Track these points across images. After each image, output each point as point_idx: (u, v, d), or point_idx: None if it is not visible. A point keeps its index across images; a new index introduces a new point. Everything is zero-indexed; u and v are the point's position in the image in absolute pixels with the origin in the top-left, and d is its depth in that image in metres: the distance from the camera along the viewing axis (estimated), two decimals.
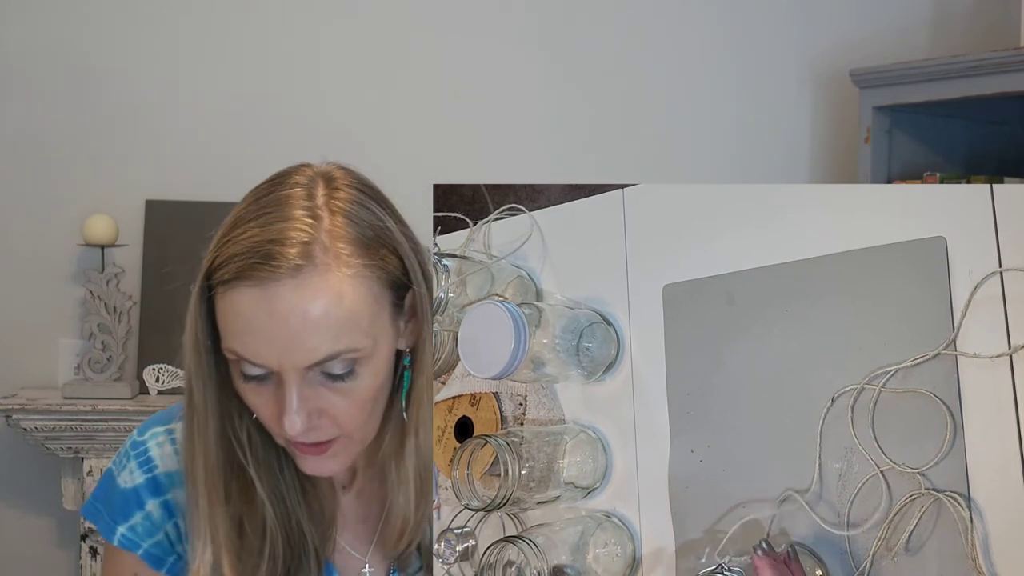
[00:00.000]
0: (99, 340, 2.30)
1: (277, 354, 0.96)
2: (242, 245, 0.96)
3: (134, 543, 1.11)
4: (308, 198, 0.99)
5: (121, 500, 1.11)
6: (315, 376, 0.98)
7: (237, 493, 1.06)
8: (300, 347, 0.95)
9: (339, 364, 0.97)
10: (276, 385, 0.99)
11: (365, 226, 1.00)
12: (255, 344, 0.96)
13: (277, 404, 0.99)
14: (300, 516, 1.08)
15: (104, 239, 2.28)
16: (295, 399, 0.97)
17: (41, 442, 2.26)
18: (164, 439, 1.12)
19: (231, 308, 0.96)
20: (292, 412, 0.97)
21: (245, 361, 0.97)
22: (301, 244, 0.95)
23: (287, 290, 0.94)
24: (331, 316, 0.96)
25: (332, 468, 1.05)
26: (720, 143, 2.78)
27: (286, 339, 0.95)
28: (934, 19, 2.95)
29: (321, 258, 0.96)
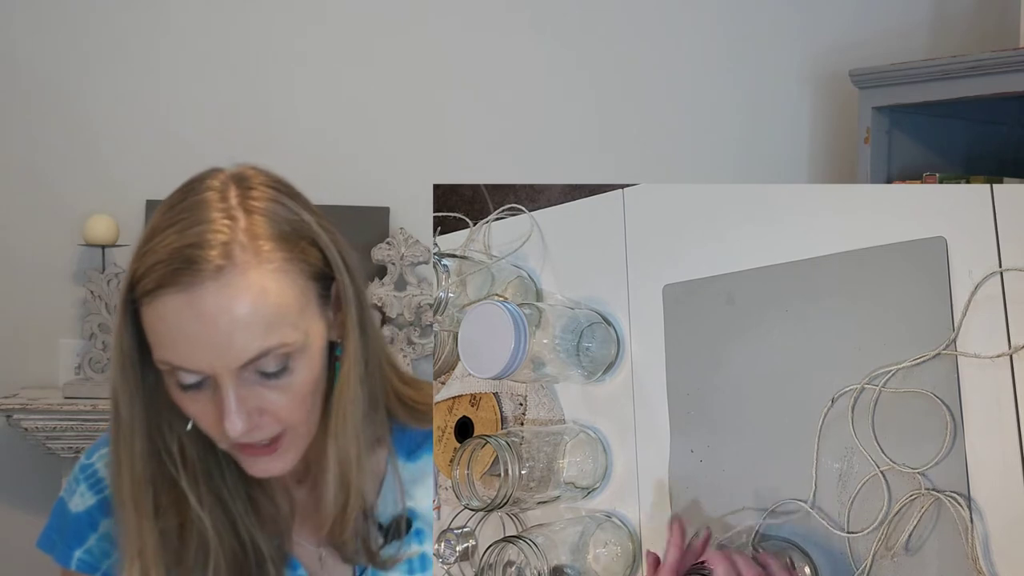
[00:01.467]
0: (100, 340, 2.30)
1: (209, 357, 0.95)
2: (161, 253, 0.96)
3: (92, 566, 1.11)
4: (222, 200, 0.99)
5: (74, 524, 1.12)
6: (250, 375, 0.98)
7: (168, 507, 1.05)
8: (231, 347, 0.95)
9: (272, 361, 0.97)
10: (213, 390, 0.98)
11: (282, 221, 1.00)
12: (186, 350, 0.95)
13: (216, 409, 0.98)
14: (249, 526, 1.08)
15: (104, 239, 2.28)
16: (232, 400, 0.97)
17: (42, 442, 2.26)
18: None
19: (157, 317, 0.96)
20: (232, 414, 0.97)
21: (179, 369, 0.97)
22: (221, 245, 0.95)
23: (211, 292, 0.94)
24: (258, 313, 0.95)
25: (280, 467, 1.04)
26: (720, 143, 2.78)
27: (216, 341, 0.95)
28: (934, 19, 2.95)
29: (241, 256, 0.96)
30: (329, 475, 1.06)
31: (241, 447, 1.02)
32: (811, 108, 2.85)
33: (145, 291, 0.96)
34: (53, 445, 2.26)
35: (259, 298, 0.96)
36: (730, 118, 2.78)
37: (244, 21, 2.48)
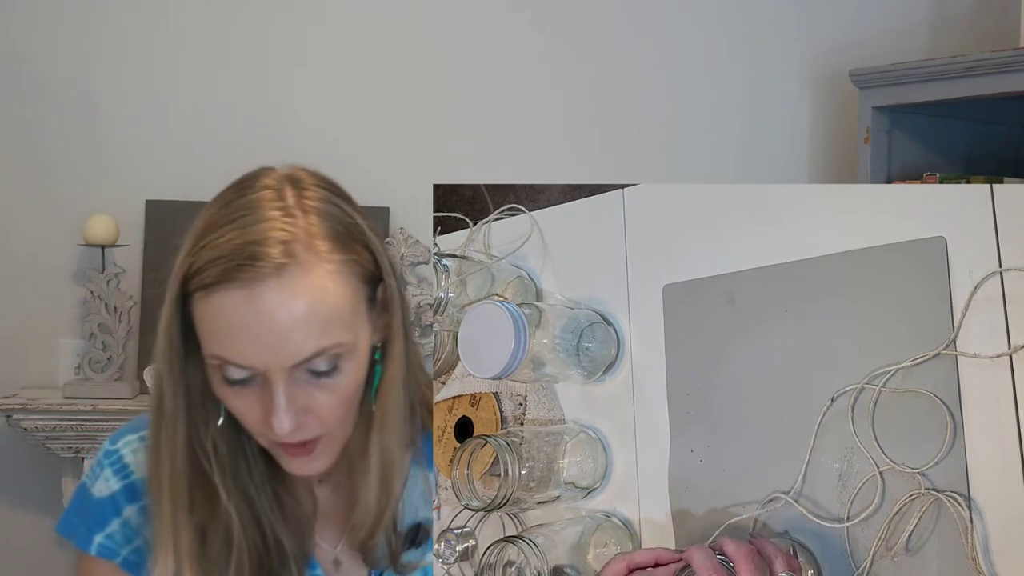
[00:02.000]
0: (99, 340, 2.30)
1: (264, 355, 0.96)
2: (221, 249, 0.96)
3: (112, 551, 1.11)
4: (279, 199, 1.00)
5: (97, 509, 1.11)
6: (301, 374, 0.98)
7: (201, 502, 1.05)
8: (287, 346, 0.96)
9: (324, 361, 0.98)
10: (261, 387, 0.98)
11: (337, 222, 1.01)
12: (242, 346, 0.96)
13: (262, 406, 0.99)
14: (273, 523, 1.08)
15: (104, 239, 2.28)
16: (283, 398, 0.97)
17: (41, 442, 2.26)
18: (138, 446, 1.12)
19: (214, 312, 0.96)
20: (281, 412, 0.97)
21: (230, 364, 0.97)
22: (282, 243, 0.96)
23: (272, 289, 0.95)
24: (316, 313, 0.96)
25: (318, 467, 1.05)
26: (720, 143, 2.78)
27: (273, 338, 0.95)
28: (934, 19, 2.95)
29: (303, 256, 0.96)
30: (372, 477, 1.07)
31: (282, 445, 1.02)
32: (811, 108, 2.85)
33: (202, 285, 0.96)
34: (53, 445, 2.26)
35: (318, 298, 0.96)
36: (730, 118, 2.78)
37: (244, 21, 2.48)
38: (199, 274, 0.97)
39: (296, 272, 0.96)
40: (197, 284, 0.97)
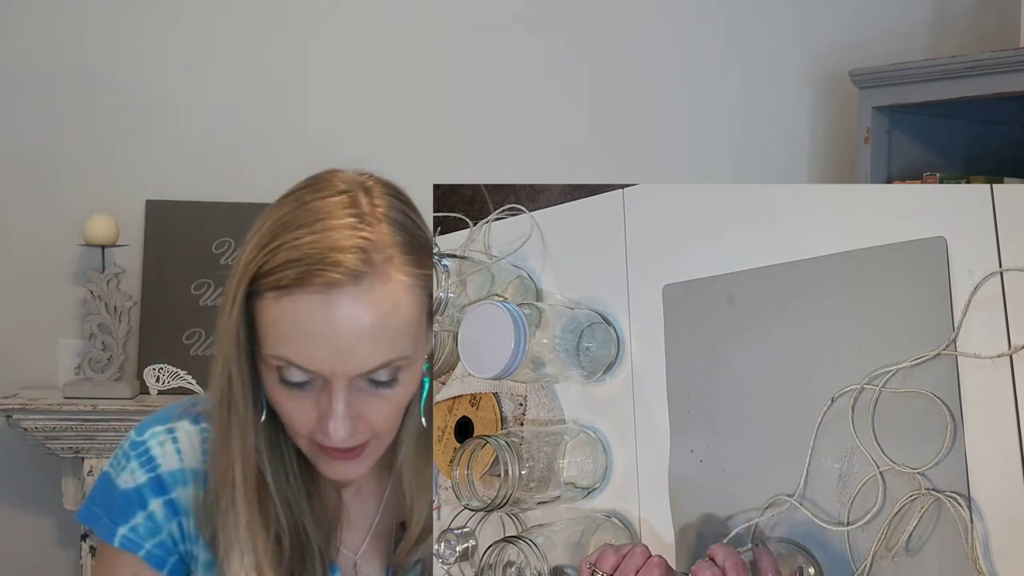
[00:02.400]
0: (99, 340, 2.30)
1: (332, 361, 0.96)
2: (298, 251, 0.96)
3: (136, 544, 1.10)
4: (354, 206, 1.00)
5: (122, 500, 1.10)
6: (361, 383, 0.98)
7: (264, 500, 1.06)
8: (356, 355, 0.96)
9: (386, 372, 0.98)
10: (318, 391, 0.99)
11: (409, 234, 1.01)
12: (311, 350, 0.96)
13: (316, 410, 0.99)
14: (306, 520, 1.08)
15: (104, 239, 2.28)
16: (342, 406, 0.98)
17: (41, 442, 2.26)
18: (165, 438, 1.11)
19: (287, 314, 0.96)
20: (339, 419, 0.98)
21: (294, 367, 0.97)
22: (361, 251, 0.96)
23: (349, 297, 0.95)
24: (388, 325, 0.96)
25: (358, 472, 1.05)
26: (720, 143, 2.78)
27: (344, 346, 0.95)
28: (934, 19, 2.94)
29: (381, 266, 0.97)
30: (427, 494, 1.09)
31: (326, 449, 1.02)
32: (811, 108, 2.84)
33: (276, 286, 0.96)
34: (52, 445, 2.26)
35: (392, 310, 0.97)
36: (730, 118, 2.78)
37: (246, 21, 2.48)
38: (272, 274, 0.96)
39: (374, 281, 0.96)
40: (270, 284, 0.96)
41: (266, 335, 0.98)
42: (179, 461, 1.10)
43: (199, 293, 2.38)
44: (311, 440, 1.02)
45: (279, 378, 0.99)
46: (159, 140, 2.43)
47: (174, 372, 2.32)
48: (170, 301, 2.37)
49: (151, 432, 1.12)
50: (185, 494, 1.09)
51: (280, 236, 0.98)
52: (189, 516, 1.09)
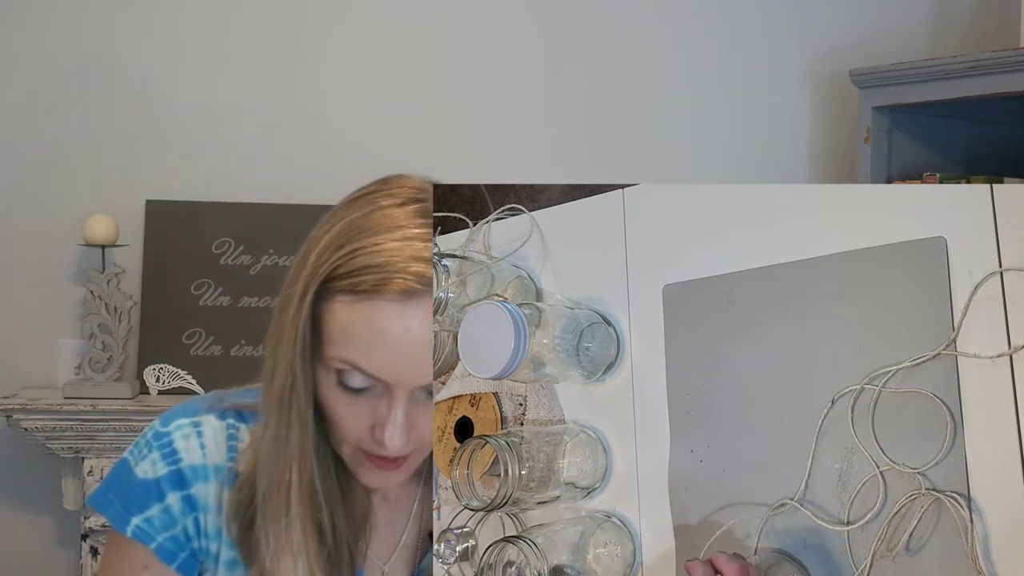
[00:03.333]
0: (99, 340, 2.30)
1: (401, 370, 0.96)
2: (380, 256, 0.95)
3: (148, 535, 1.08)
4: (426, 215, 1.00)
5: (139, 490, 1.09)
6: (419, 394, 0.99)
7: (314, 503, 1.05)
8: (424, 365, 0.96)
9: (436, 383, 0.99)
10: (376, 398, 0.98)
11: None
12: (382, 357, 0.96)
13: (372, 417, 0.99)
14: (340, 524, 1.08)
15: (104, 239, 2.28)
16: (402, 415, 0.98)
17: (41, 442, 2.26)
18: (190, 431, 1.10)
19: (360, 319, 0.95)
20: (398, 428, 0.98)
21: (359, 372, 0.97)
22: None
23: (423, 308, 0.95)
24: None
25: (398, 481, 1.05)
26: (720, 143, 2.78)
27: (414, 356, 0.95)
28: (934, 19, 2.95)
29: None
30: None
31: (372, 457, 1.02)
32: (811, 108, 2.85)
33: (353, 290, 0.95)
34: (53, 445, 2.26)
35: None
36: (730, 118, 2.78)
37: (245, 22, 2.48)
38: (348, 277, 0.96)
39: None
40: (345, 287, 0.96)
41: (333, 338, 0.97)
42: (203, 456, 1.09)
43: (199, 293, 2.38)
44: (357, 447, 1.01)
45: (337, 381, 0.98)
46: (159, 140, 2.43)
47: (174, 372, 2.32)
48: (170, 301, 2.37)
49: (176, 424, 1.10)
50: (205, 490, 1.08)
51: (357, 239, 0.97)
52: (208, 512, 1.08)
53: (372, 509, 1.13)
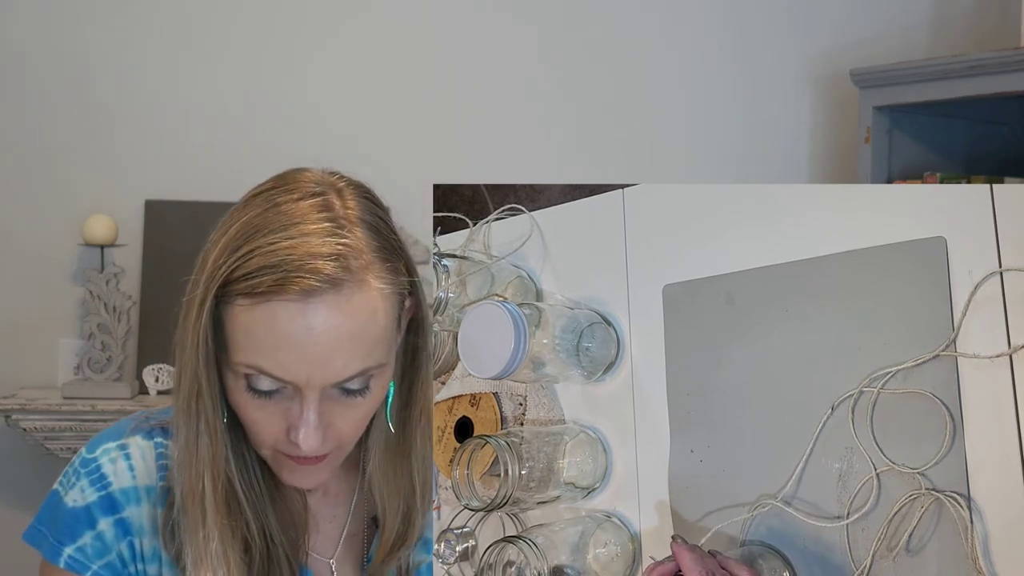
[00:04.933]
0: (99, 340, 2.30)
1: (308, 370, 0.93)
2: (273, 256, 0.92)
3: (83, 565, 1.05)
4: (327, 208, 0.96)
5: (70, 519, 1.06)
6: (333, 392, 0.96)
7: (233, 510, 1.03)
8: (332, 364, 0.93)
9: (359, 380, 0.96)
10: (288, 400, 0.96)
11: (383, 239, 0.98)
12: (285, 359, 0.93)
13: (284, 419, 0.97)
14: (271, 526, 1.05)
15: (104, 239, 2.28)
16: (314, 416, 0.95)
17: (41, 442, 2.26)
18: (117, 454, 1.07)
19: (260, 322, 0.93)
20: (311, 428, 0.95)
21: (265, 376, 0.94)
22: (339, 257, 0.93)
23: (328, 306, 0.92)
24: (366, 334, 0.94)
25: (320, 479, 1.03)
26: (720, 143, 2.78)
27: (320, 355, 0.93)
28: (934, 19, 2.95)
29: (360, 273, 0.94)
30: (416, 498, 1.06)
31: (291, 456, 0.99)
32: (811, 108, 2.85)
33: (250, 293, 0.93)
34: (52, 445, 2.26)
35: (370, 319, 0.94)
36: (730, 118, 2.78)
37: (245, 22, 2.48)
38: (245, 280, 0.93)
39: (353, 289, 0.93)
40: (243, 290, 0.93)
41: (236, 342, 0.95)
42: (132, 478, 1.06)
43: None
44: (275, 448, 0.99)
45: (247, 386, 0.96)
46: (159, 140, 2.43)
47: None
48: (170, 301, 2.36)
49: (103, 449, 1.08)
50: (138, 513, 1.05)
51: (252, 239, 0.94)
52: (143, 535, 1.05)
53: (309, 507, 1.10)
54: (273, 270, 0.92)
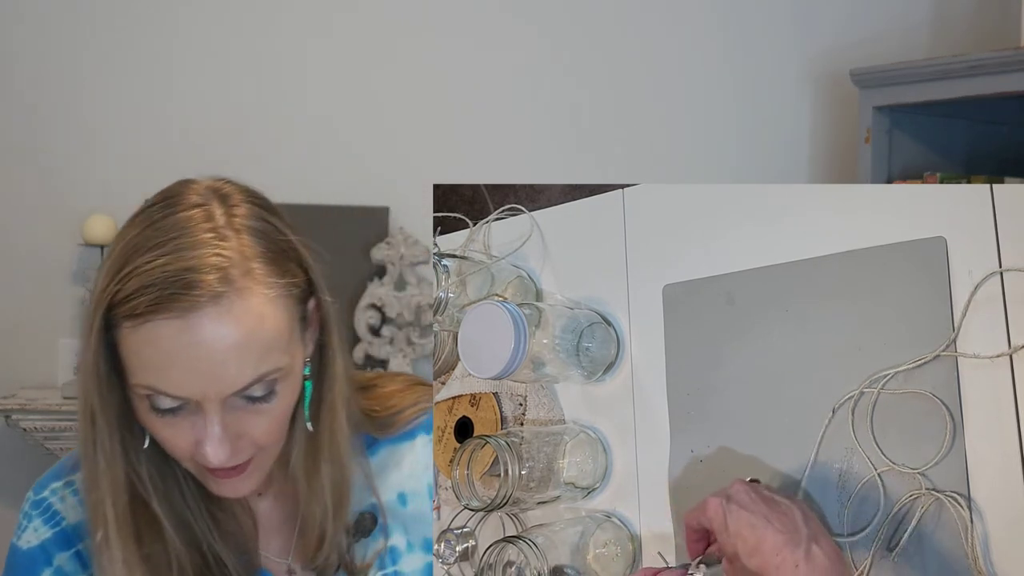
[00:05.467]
0: None
1: (200, 385, 0.92)
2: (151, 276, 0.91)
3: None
4: (208, 219, 0.95)
5: (26, 560, 1.06)
6: (236, 401, 0.95)
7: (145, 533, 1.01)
8: (224, 375, 0.92)
9: (261, 387, 0.95)
10: (192, 415, 0.95)
11: (270, 241, 0.97)
12: (177, 377, 0.92)
13: (194, 434, 0.96)
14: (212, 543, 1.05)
15: (104, 239, 2.28)
16: (218, 428, 0.94)
17: (40, 442, 2.26)
18: (65, 492, 1.08)
19: (146, 342, 0.92)
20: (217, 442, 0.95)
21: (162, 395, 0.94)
22: (219, 269, 0.92)
23: (209, 318, 0.91)
24: (255, 340, 0.93)
25: (249, 487, 1.02)
26: (720, 143, 2.78)
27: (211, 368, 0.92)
28: (934, 19, 2.95)
29: (240, 281, 0.92)
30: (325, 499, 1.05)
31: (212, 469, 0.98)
32: (811, 108, 2.85)
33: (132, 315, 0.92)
34: (52, 445, 2.26)
35: (256, 325, 0.93)
36: (730, 118, 2.79)
37: (247, 23, 2.48)
38: (126, 303, 0.92)
39: (233, 299, 0.92)
40: (125, 313, 0.92)
41: (130, 365, 0.94)
42: (82, 513, 1.05)
43: None
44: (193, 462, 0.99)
45: (150, 406, 0.95)
46: (158, 140, 2.43)
47: None
48: None
49: (50, 489, 1.09)
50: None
51: (131, 261, 0.93)
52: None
53: (261, 511, 1.10)
54: (150, 290, 0.91)
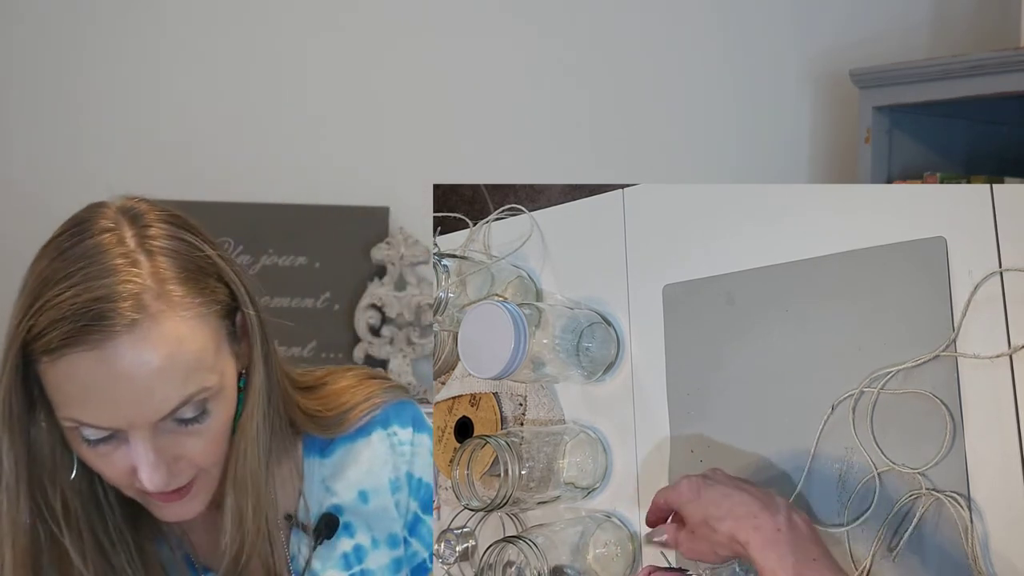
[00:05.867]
0: None
1: (126, 414, 0.91)
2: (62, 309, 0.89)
3: None
4: (119, 243, 0.93)
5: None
6: (167, 424, 0.93)
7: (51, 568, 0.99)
8: (149, 402, 0.91)
9: (191, 408, 0.93)
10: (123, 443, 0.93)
11: (186, 259, 0.95)
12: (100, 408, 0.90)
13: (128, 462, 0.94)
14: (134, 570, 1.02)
15: None
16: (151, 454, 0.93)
17: None
18: None
19: (65, 376, 0.90)
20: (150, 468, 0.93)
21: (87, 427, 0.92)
22: (132, 296, 0.90)
23: (126, 347, 0.89)
24: (176, 363, 0.91)
25: (196, 509, 1.01)
26: (720, 143, 2.78)
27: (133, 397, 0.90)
28: (934, 19, 2.94)
29: (155, 306, 0.90)
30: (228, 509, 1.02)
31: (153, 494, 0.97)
32: (811, 108, 2.84)
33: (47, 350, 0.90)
34: None
35: (176, 348, 0.91)
36: (730, 118, 2.78)
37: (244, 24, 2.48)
38: (41, 338, 0.90)
39: (149, 325, 0.90)
40: (41, 348, 0.90)
41: (53, 399, 0.92)
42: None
43: None
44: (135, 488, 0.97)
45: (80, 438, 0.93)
46: (158, 140, 2.43)
47: None
48: None
49: None
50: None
51: (42, 294, 0.91)
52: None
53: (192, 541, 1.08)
54: (62, 323, 0.89)
